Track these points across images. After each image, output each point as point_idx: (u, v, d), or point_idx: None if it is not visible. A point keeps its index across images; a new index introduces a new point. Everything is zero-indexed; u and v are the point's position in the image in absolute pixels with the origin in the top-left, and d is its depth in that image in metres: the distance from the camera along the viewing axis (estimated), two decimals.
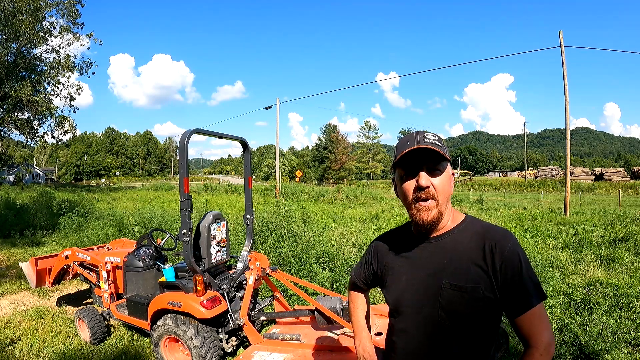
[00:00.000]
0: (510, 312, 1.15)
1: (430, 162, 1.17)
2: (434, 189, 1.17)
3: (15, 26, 23.72)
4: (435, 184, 1.17)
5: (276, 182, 26.35)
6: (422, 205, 1.18)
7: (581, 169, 52.04)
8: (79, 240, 8.56)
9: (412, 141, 1.19)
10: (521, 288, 1.12)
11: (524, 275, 1.12)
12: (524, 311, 1.12)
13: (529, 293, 1.12)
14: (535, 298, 1.12)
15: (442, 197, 1.18)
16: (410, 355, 1.25)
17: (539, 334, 1.12)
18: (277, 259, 5.63)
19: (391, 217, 12.83)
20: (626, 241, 7.79)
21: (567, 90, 14.51)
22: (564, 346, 3.43)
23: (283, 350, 2.94)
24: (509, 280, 1.12)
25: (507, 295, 1.13)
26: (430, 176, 1.18)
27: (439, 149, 1.15)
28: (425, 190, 1.17)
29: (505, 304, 1.15)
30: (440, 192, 1.18)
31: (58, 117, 28.99)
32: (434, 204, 1.18)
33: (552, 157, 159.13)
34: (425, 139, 1.18)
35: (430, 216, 1.18)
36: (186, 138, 3.05)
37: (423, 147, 1.14)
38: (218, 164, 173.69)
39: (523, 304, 1.12)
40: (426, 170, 1.18)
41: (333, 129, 67.75)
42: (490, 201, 20.47)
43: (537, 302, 1.12)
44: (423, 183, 1.16)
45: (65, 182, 67.80)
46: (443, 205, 1.20)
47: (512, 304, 1.14)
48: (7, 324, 4.44)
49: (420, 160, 1.17)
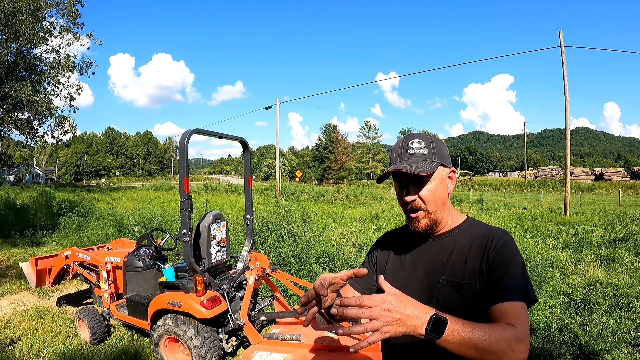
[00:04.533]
0: (485, 301, 1.06)
1: (414, 176, 1.17)
2: (421, 201, 1.18)
3: (15, 26, 23.73)
4: (423, 195, 1.17)
5: (276, 182, 26.36)
6: (412, 217, 1.20)
7: (581, 169, 52.06)
8: (79, 240, 8.57)
9: (397, 154, 1.20)
10: (502, 278, 1.06)
11: (508, 268, 1.08)
12: (497, 302, 1.03)
13: (509, 287, 1.04)
14: (516, 294, 1.03)
15: (432, 206, 1.18)
16: (405, 352, 1.25)
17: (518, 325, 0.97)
18: (277, 259, 5.63)
19: (391, 217, 12.83)
20: (626, 241, 7.80)
21: (567, 90, 14.52)
22: (564, 346, 3.43)
23: (283, 350, 2.93)
24: (492, 270, 1.09)
25: (486, 285, 1.08)
26: (417, 187, 1.18)
27: (412, 170, 1.13)
28: (411, 204, 1.18)
29: (483, 294, 1.08)
30: (429, 202, 1.18)
31: (58, 117, 29.01)
32: (424, 214, 1.19)
33: (552, 157, 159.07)
34: (409, 150, 1.18)
35: (421, 225, 1.20)
36: (186, 138, 3.05)
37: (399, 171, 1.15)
38: (218, 164, 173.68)
39: (499, 294, 1.04)
40: (412, 183, 1.18)
41: (333, 129, 67.75)
42: (490, 201, 20.46)
43: (517, 298, 1.02)
44: (407, 199, 1.18)
45: (65, 182, 67.82)
46: (436, 212, 1.20)
47: (488, 293, 1.06)
48: (7, 324, 4.44)
49: (404, 175, 1.18)
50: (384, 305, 0.88)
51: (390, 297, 0.90)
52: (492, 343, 0.90)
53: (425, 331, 0.88)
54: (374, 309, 0.87)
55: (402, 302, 0.90)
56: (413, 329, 0.89)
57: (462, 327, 0.91)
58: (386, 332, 0.86)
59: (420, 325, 0.89)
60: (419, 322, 0.89)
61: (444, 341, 0.89)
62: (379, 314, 0.86)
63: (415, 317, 0.89)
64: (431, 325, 0.88)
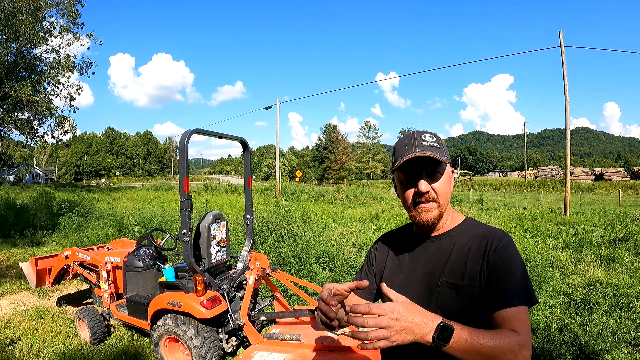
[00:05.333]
0: (487, 307, 1.06)
1: (429, 167, 1.17)
2: (434, 193, 1.18)
3: (15, 26, 23.75)
4: (436, 187, 1.18)
5: (276, 182, 26.38)
6: (422, 207, 1.19)
7: (581, 169, 52.04)
8: (79, 240, 8.57)
9: (410, 145, 1.19)
10: (503, 282, 1.07)
11: (510, 271, 1.08)
12: (500, 308, 1.03)
13: (511, 291, 1.05)
14: (517, 299, 1.04)
15: (442, 199, 1.19)
16: (404, 353, 1.25)
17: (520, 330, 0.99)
18: (277, 259, 5.63)
19: (391, 217, 12.83)
20: (626, 241, 7.80)
21: (567, 90, 14.52)
22: (564, 346, 3.43)
23: (283, 350, 2.94)
24: (493, 273, 1.09)
25: (487, 289, 1.08)
26: (429, 179, 1.18)
27: (437, 155, 1.14)
28: (425, 195, 1.18)
29: (484, 298, 1.08)
30: (440, 195, 1.19)
31: (58, 117, 29.05)
32: (435, 206, 1.19)
33: (552, 157, 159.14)
34: (424, 142, 1.18)
35: (431, 217, 1.19)
36: (186, 138, 3.05)
37: (421, 155, 1.15)
38: (218, 164, 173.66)
39: (501, 299, 1.04)
40: (425, 175, 1.18)
41: (333, 129, 67.75)
42: (490, 201, 20.46)
43: (518, 303, 1.03)
44: (423, 189, 1.17)
45: (65, 182, 67.81)
46: (444, 206, 1.21)
47: (490, 298, 1.07)
48: (7, 324, 4.44)
49: (419, 165, 1.18)
50: (393, 314, 0.90)
51: (399, 306, 0.92)
52: (497, 350, 0.93)
53: (432, 339, 0.91)
54: (382, 318, 0.89)
55: (410, 311, 0.92)
56: (420, 337, 0.91)
57: (468, 335, 0.93)
58: (394, 341, 0.89)
59: (427, 333, 0.91)
60: (426, 330, 0.91)
61: (450, 348, 0.92)
62: (387, 323, 0.89)
63: (422, 325, 0.91)
64: (438, 333, 0.90)
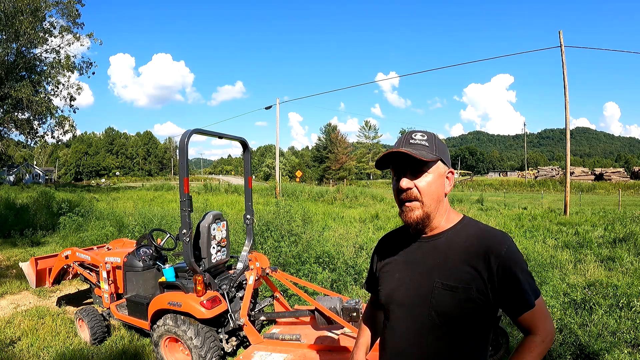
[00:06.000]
0: (512, 313, 1.16)
1: (414, 165, 1.17)
2: (417, 191, 1.18)
3: (15, 26, 23.73)
4: (419, 186, 1.17)
5: (276, 182, 26.37)
6: (406, 206, 1.20)
7: (581, 169, 52.02)
8: (79, 240, 8.56)
9: (398, 142, 1.21)
10: (519, 290, 1.13)
11: (521, 278, 1.12)
12: (525, 311, 1.14)
13: (527, 294, 1.13)
14: (533, 297, 1.14)
15: (427, 199, 1.18)
16: (400, 354, 1.25)
17: (540, 325, 1.15)
18: (277, 259, 5.62)
19: (391, 217, 12.83)
20: (626, 241, 7.79)
21: (567, 90, 14.52)
22: (564, 346, 3.43)
23: (283, 350, 2.94)
24: (506, 283, 1.12)
25: (506, 298, 1.14)
26: (414, 177, 1.18)
27: (414, 152, 1.14)
28: (407, 192, 1.18)
29: (504, 306, 1.16)
30: (424, 194, 1.18)
31: (58, 117, 29.03)
32: (418, 205, 1.18)
33: (552, 157, 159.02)
34: (411, 140, 1.19)
35: (414, 216, 1.19)
36: (186, 138, 3.05)
37: (397, 151, 1.16)
38: (218, 164, 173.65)
39: (523, 304, 1.14)
40: (410, 172, 1.18)
41: (333, 129, 67.69)
42: (490, 201, 20.46)
43: (533, 303, 1.14)
44: (403, 185, 1.18)
45: (65, 182, 67.77)
46: (430, 206, 1.19)
47: (512, 306, 1.15)
48: (7, 324, 4.44)
49: (405, 163, 1.18)
50: None
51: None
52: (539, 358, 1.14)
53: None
54: None
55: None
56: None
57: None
58: None
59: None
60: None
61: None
62: None
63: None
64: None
